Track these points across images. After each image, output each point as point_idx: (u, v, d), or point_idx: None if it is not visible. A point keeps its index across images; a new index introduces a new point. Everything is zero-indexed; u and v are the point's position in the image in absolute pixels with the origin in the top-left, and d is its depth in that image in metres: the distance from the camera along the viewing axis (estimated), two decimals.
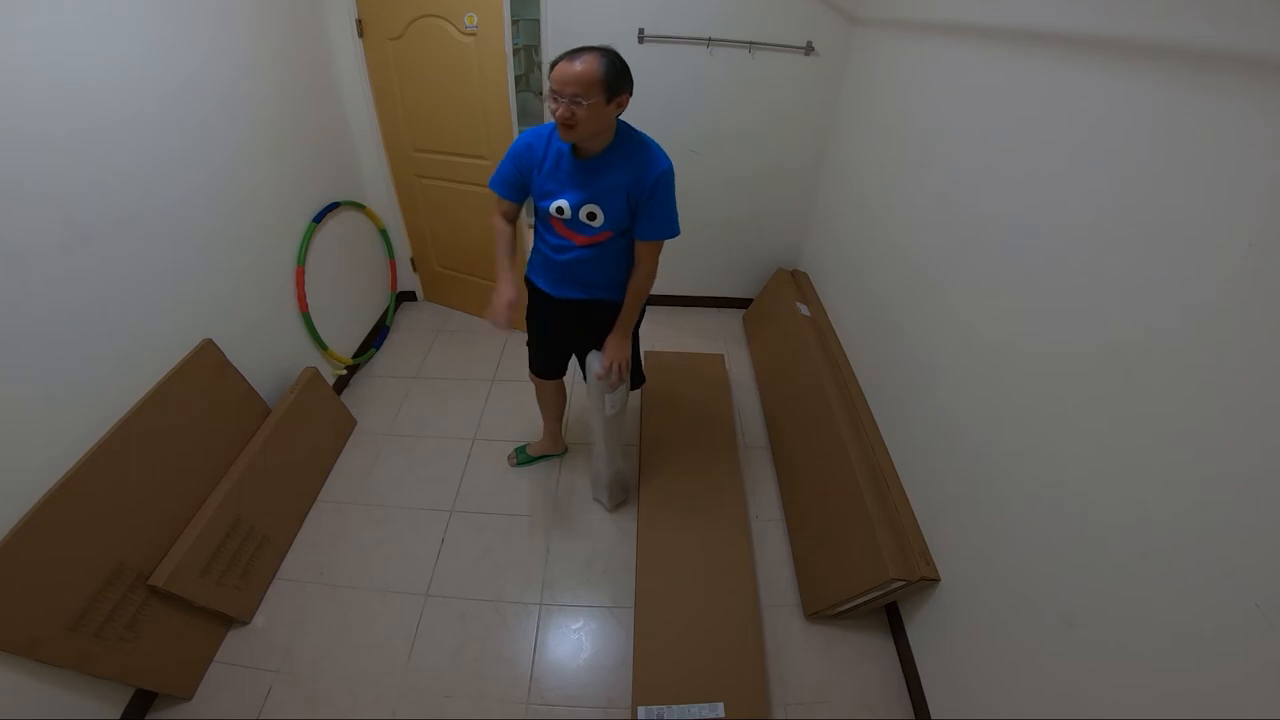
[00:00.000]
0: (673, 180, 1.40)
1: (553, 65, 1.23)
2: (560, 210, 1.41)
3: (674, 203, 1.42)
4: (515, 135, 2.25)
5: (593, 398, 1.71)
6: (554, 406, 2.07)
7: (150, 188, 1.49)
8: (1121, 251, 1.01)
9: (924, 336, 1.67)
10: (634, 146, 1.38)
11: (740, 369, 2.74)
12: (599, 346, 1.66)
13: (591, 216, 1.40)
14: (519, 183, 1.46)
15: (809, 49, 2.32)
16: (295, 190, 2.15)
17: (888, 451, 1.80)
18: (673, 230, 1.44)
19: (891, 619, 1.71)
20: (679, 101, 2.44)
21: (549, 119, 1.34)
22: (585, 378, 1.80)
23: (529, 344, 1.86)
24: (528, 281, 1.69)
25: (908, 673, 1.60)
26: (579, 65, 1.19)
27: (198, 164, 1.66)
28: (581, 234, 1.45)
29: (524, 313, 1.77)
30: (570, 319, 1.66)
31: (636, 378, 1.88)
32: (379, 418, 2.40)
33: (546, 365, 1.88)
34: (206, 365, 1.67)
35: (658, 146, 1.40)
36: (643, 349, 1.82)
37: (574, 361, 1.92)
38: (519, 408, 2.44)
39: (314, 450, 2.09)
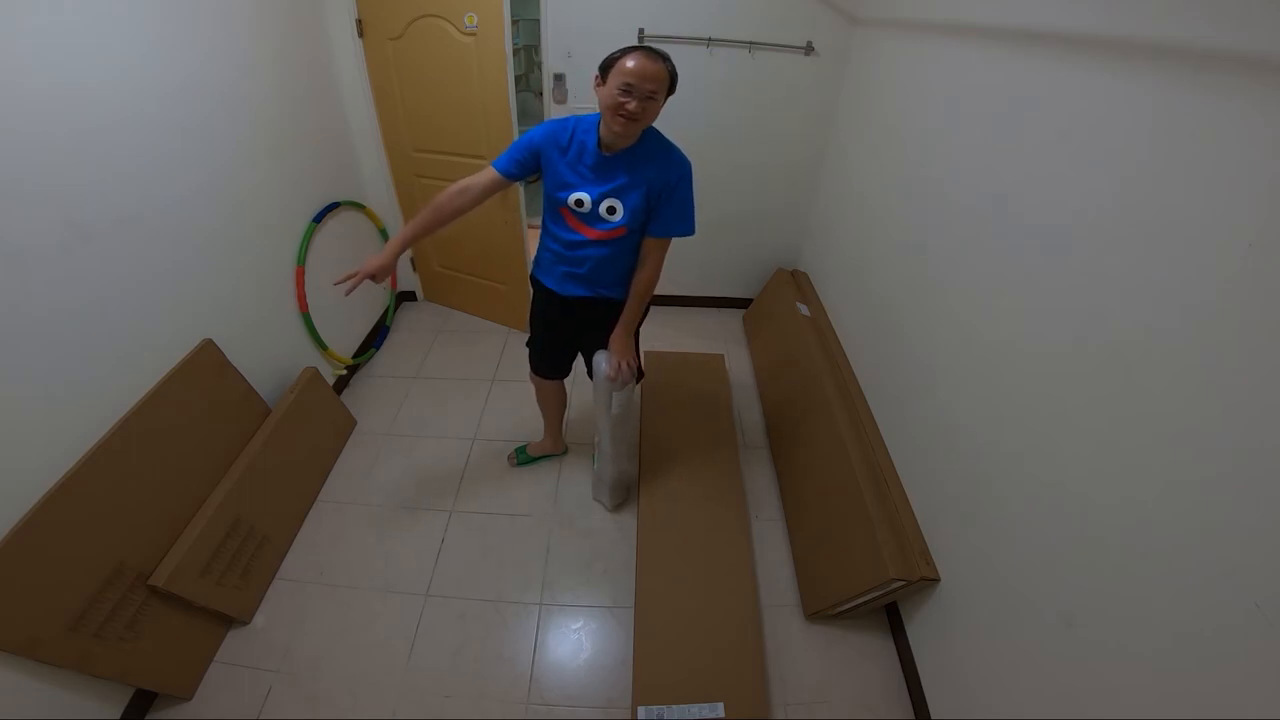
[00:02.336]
0: (692, 179, 1.42)
1: (614, 61, 1.27)
2: (579, 203, 1.42)
3: (692, 202, 1.44)
4: (515, 135, 2.25)
5: (599, 398, 1.71)
6: (554, 407, 2.07)
7: (150, 188, 1.49)
8: (1121, 251, 1.00)
9: (924, 336, 1.67)
10: (657, 145, 1.41)
11: (740, 369, 2.74)
12: (603, 346, 1.66)
13: (611, 211, 1.41)
14: (528, 163, 1.45)
15: (809, 49, 2.32)
16: (295, 190, 2.15)
17: (888, 451, 1.80)
18: (689, 228, 1.45)
19: (891, 619, 1.71)
20: (679, 102, 2.42)
21: (549, 116, 1.34)
22: (591, 377, 1.79)
23: (530, 343, 1.85)
24: (534, 281, 1.69)
25: (908, 673, 1.60)
26: (657, 65, 1.25)
27: (198, 164, 1.66)
28: (596, 228, 1.45)
29: (529, 312, 1.78)
30: (575, 318, 1.66)
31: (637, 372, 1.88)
32: (379, 418, 2.40)
33: (549, 365, 1.87)
34: (206, 365, 1.67)
35: (677, 146, 1.43)
36: (642, 349, 1.82)
37: (574, 361, 1.92)
38: (519, 408, 2.43)
39: (314, 450, 2.09)
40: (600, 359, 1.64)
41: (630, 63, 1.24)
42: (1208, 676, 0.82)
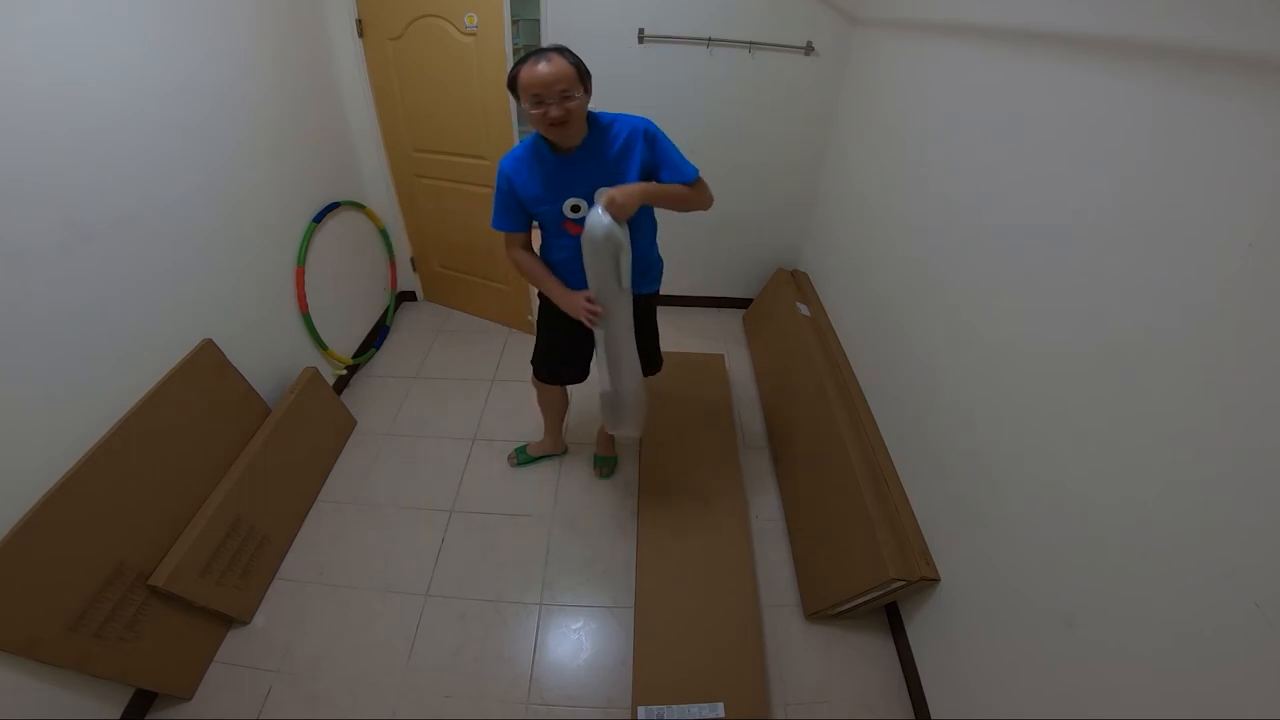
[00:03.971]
0: (659, 129, 1.40)
1: (516, 76, 1.23)
2: (576, 209, 1.40)
3: (675, 147, 1.41)
4: (515, 135, 2.25)
5: (597, 255, 1.44)
6: (556, 409, 2.06)
7: (150, 188, 1.49)
8: (1121, 251, 1.00)
9: (924, 336, 1.67)
10: (609, 123, 1.37)
11: (740, 369, 2.74)
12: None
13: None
14: (523, 211, 1.45)
15: (809, 49, 2.32)
16: (295, 190, 2.15)
17: (888, 451, 1.80)
18: (692, 169, 1.40)
19: (891, 619, 1.71)
20: (679, 102, 2.44)
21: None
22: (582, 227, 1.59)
23: (536, 350, 1.83)
24: (541, 295, 1.66)
25: (908, 673, 1.60)
26: (554, 65, 1.21)
27: (198, 164, 1.66)
28: None
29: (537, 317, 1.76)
30: (583, 327, 1.63)
31: (654, 363, 1.84)
32: (379, 418, 2.40)
33: (555, 372, 1.85)
34: (206, 365, 1.67)
35: (623, 114, 1.39)
36: None
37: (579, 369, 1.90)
38: (519, 408, 2.44)
39: (314, 450, 2.09)
40: (597, 196, 1.37)
41: (529, 74, 1.21)
42: (1208, 676, 0.82)
